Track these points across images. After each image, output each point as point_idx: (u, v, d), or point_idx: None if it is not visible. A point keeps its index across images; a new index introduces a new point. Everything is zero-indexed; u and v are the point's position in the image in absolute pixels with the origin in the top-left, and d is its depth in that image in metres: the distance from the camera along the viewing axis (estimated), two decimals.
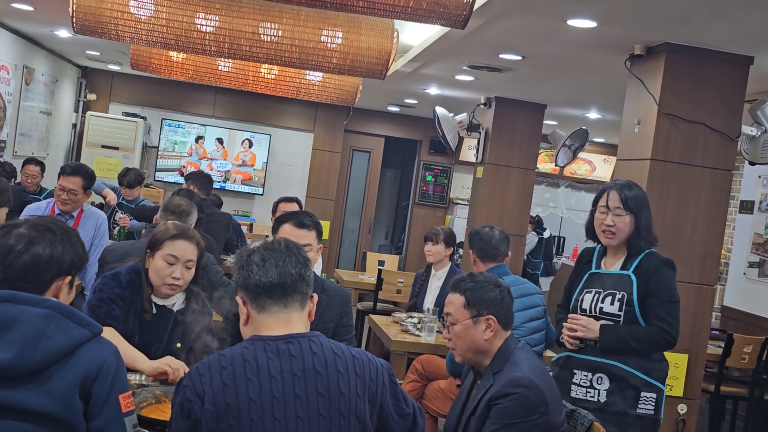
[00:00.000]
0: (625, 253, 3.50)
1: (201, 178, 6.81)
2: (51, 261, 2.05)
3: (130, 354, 2.93)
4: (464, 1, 2.92)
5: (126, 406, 2.01)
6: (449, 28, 4.77)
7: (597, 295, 3.49)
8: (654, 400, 3.39)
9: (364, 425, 2.04)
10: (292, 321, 2.08)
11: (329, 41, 4.48)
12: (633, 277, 3.41)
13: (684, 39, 4.55)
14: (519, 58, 5.69)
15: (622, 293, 3.42)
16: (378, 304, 7.12)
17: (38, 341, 1.91)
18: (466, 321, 2.80)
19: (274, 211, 5.47)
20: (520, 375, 2.65)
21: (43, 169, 7.14)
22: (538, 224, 10.36)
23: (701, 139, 4.66)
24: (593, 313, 3.48)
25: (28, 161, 7.12)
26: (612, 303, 3.43)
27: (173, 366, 2.90)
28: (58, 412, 1.91)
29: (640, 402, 3.37)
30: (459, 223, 10.89)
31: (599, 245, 3.60)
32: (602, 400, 3.40)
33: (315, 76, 5.93)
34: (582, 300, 3.54)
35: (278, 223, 3.49)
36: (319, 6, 3.44)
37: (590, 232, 3.59)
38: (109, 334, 2.79)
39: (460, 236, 9.49)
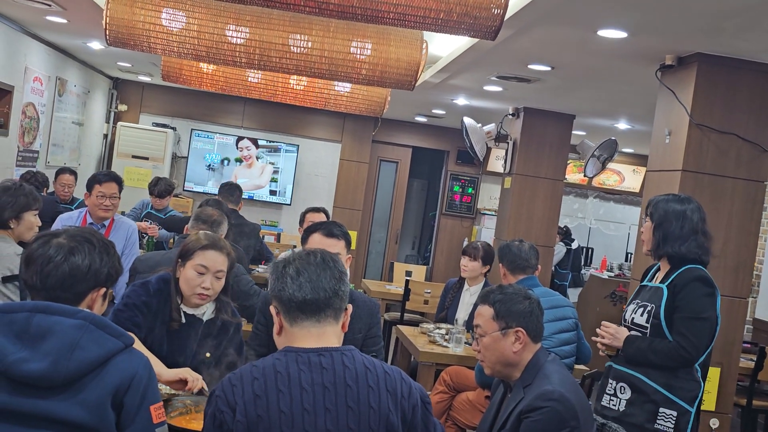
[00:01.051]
0: (668, 267, 3.47)
1: (229, 188, 6.86)
2: (89, 272, 2.07)
3: (153, 363, 2.93)
4: (495, 13, 2.91)
5: (157, 417, 2.02)
6: (478, 39, 4.77)
7: (636, 307, 3.51)
8: (674, 419, 3.32)
9: None
10: (325, 335, 2.08)
11: (358, 52, 4.49)
12: (665, 290, 3.39)
13: (716, 49, 4.51)
14: (548, 68, 5.67)
15: (651, 305, 3.41)
16: (405, 314, 7.10)
17: (72, 351, 1.93)
18: (495, 333, 2.78)
19: (301, 221, 5.49)
20: (551, 389, 2.63)
21: (76, 179, 7.23)
22: (566, 235, 10.29)
23: (733, 149, 4.61)
24: (628, 324, 3.50)
25: (62, 171, 7.20)
26: (642, 314, 3.44)
27: (193, 375, 2.89)
28: (91, 422, 1.92)
29: (658, 417, 3.32)
30: (486, 233, 10.86)
31: (658, 263, 3.61)
32: (621, 410, 3.39)
33: (344, 87, 5.95)
34: (627, 311, 3.57)
35: (307, 233, 3.50)
36: (349, 18, 3.45)
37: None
38: None
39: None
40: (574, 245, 10.37)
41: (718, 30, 4.14)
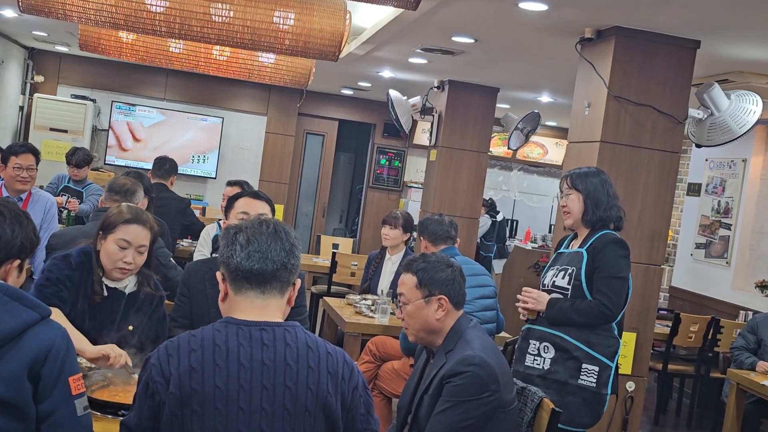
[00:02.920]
0: (585, 234, 3.65)
1: (158, 162, 6.74)
2: (0, 243, 2.02)
3: (76, 338, 2.87)
4: None
5: (76, 388, 1.99)
6: (402, 10, 4.77)
7: (555, 272, 3.67)
8: (596, 373, 3.50)
9: (332, 423, 2.00)
10: (268, 307, 2.04)
11: (281, 22, 4.44)
12: (584, 254, 3.56)
13: (633, 23, 4.62)
14: (471, 41, 5.71)
15: (572, 268, 3.58)
16: (332, 286, 7.13)
17: None
18: (419, 301, 2.82)
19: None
20: (471, 354, 2.68)
21: None
22: (491, 207, 10.46)
23: (649, 121, 4.74)
24: (549, 288, 3.65)
25: None
26: (563, 277, 3.60)
27: (116, 351, 2.83)
28: (7, 395, 1.89)
29: (582, 373, 3.50)
30: (413, 206, 10.94)
31: (573, 232, 3.76)
32: (546, 368, 3.55)
33: (268, 58, 5.88)
34: (545, 277, 3.73)
35: (232, 200, 3.49)
36: None
37: None
38: (55, 315, 2.74)
39: (415, 218, 9.55)
40: (499, 217, 10.55)
41: (635, 4, 4.24)
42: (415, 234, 8.48)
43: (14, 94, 10.23)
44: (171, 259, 4.52)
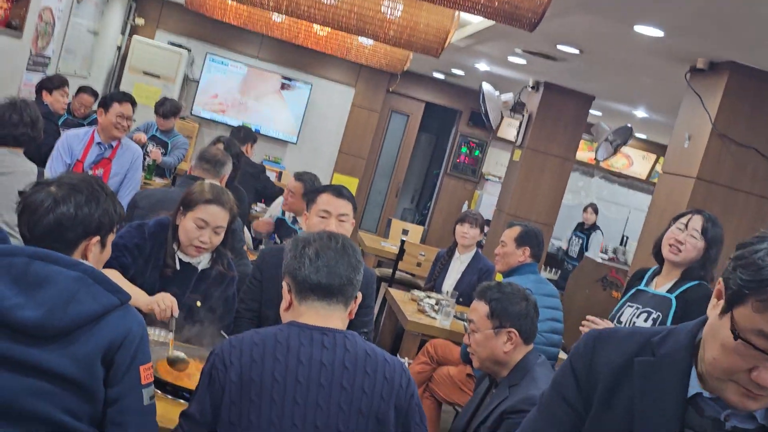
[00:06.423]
0: (677, 277, 3.43)
1: (235, 131, 6.78)
2: (76, 220, 2.03)
3: (129, 291, 2.86)
4: (537, 3, 2.83)
5: (146, 377, 2.02)
6: None
7: (636, 311, 3.46)
8: None
9: (385, 428, 2.02)
10: (331, 318, 2.09)
11: (389, 12, 4.38)
12: (674, 301, 3.35)
13: (750, 60, 4.43)
14: (576, 51, 5.57)
15: (657, 313, 3.37)
16: (396, 272, 7.10)
17: (68, 304, 1.91)
18: (488, 331, 2.78)
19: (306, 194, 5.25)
20: (537, 394, 2.62)
21: (96, 99, 7.11)
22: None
23: (751, 164, 4.56)
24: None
25: (84, 90, 7.07)
26: (646, 320, 3.39)
27: (162, 306, 2.86)
28: (79, 377, 1.91)
29: None
30: (487, 199, 10.83)
31: (655, 267, 3.55)
32: None
33: (368, 41, 5.85)
34: (622, 313, 3.52)
35: (315, 193, 3.46)
36: None
37: (657, 248, 3.51)
38: (112, 274, 2.77)
39: (487, 213, 9.45)
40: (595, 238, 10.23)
41: (757, 41, 4.05)
42: (484, 236, 8.43)
43: (114, 34, 10.41)
44: (244, 249, 4.52)
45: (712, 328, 1.39)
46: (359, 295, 2.17)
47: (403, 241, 7.07)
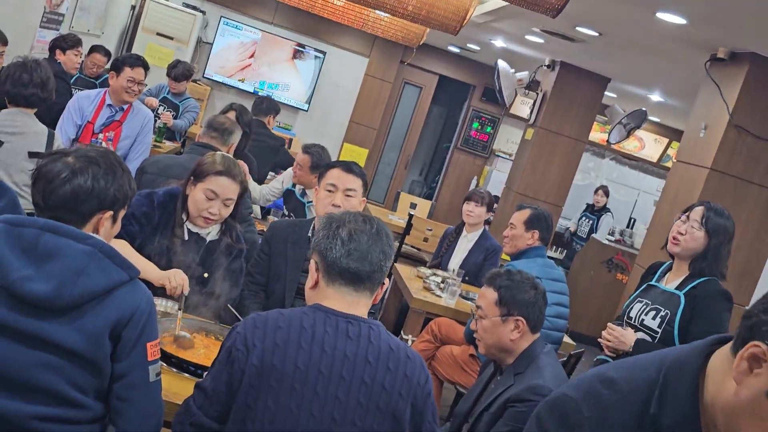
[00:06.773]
0: (686, 273, 3.37)
1: (258, 100, 6.74)
2: (92, 193, 2.01)
3: (140, 264, 2.83)
4: None
5: (153, 354, 2.01)
6: None
7: (644, 307, 3.41)
8: None
9: (399, 425, 2.00)
10: (358, 305, 2.05)
11: None
12: (682, 298, 3.29)
13: None
14: (596, 34, 5.51)
15: (666, 311, 3.32)
16: (402, 246, 7.09)
17: (77, 277, 1.90)
18: (495, 318, 2.77)
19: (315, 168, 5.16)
20: (541, 383, 2.62)
21: (109, 60, 7.07)
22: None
23: (766, 157, 4.52)
24: (635, 324, 3.42)
25: (97, 49, 7.02)
26: (654, 318, 3.35)
27: (173, 282, 2.86)
28: (86, 351, 1.91)
29: None
30: (497, 176, 10.78)
31: (668, 262, 3.50)
32: None
33: (385, 13, 5.78)
34: (631, 309, 3.48)
35: (325, 168, 3.44)
36: None
37: (666, 243, 3.46)
38: (120, 245, 2.75)
39: (496, 190, 9.40)
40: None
41: None
42: (492, 214, 8.40)
43: None
44: (251, 216, 4.51)
45: (752, 405, 1.15)
46: (386, 281, 2.12)
47: (410, 215, 7.04)
